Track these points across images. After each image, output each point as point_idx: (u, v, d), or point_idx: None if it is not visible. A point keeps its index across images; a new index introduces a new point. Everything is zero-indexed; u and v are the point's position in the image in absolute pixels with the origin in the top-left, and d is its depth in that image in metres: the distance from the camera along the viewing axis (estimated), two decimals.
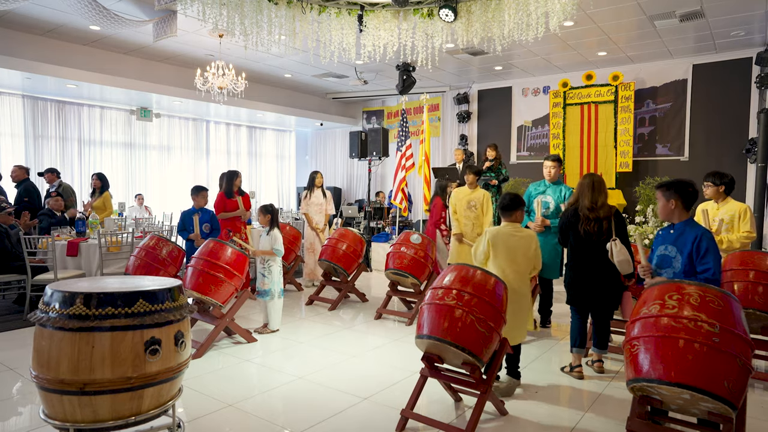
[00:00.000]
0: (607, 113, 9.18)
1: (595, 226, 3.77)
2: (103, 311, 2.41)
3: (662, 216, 3.06)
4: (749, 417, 2.77)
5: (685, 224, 2.96)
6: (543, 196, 5.08)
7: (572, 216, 3.92)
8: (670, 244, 2.97)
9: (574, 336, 4.02)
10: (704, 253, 2.80)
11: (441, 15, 5.30)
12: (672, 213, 2.99)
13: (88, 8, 5.90)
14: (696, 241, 2.84)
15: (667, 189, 2.99)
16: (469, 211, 5.65)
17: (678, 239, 2.95)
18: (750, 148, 8.33)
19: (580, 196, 3.90)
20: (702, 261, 2.80)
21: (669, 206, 2.99)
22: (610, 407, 3.42)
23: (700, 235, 2.84)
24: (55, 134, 9.86)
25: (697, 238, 2.84)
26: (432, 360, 3.08)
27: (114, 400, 2.41)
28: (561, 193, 5.03)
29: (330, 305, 6.13)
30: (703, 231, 2.88)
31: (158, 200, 11.25)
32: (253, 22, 5.27)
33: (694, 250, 2.84)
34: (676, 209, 2.97)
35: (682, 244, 2.91)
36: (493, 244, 3.57)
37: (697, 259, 2.82)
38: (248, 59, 9.09)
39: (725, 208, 4.39)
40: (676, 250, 2.93)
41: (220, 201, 6.27)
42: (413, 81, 8.96)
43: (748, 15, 6.91)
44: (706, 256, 2.79)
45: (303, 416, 3.25)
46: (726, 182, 4.38)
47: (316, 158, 14.76)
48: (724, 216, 4.35)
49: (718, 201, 4.45)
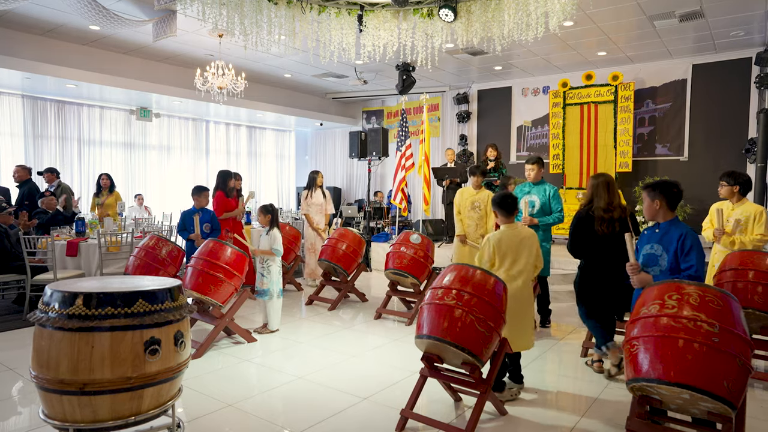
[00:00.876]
0: (606, 113, 9.18)
1: (609, 227, 3.72)
2: (102, 311, 2.41)
3: (648, 216, 3.11)
4: (749, 417, 2.77)
5: (670, 223, 3.02)
6: (529, 196, 5.21)
7: (585, 217, 3.83)
8: (656, 243, 3.03)
9: (600, 333, 3.91)
10: (688, 250, 2.87)
11: (441, 15, 5.30)
12: (657, 212, 3.05)
13: (87, 8, 5.89)
14: (681, 239, 2.91)
15: (652, 189, 3.05)
16: (473, 212, 5.72)
17: (663, 238, 3.00)
18: (749, 148, 8.33)
19: (594, 197, 3.83)
20: (685, 258, 2.88)
21: (654, 206, 3.05)
22: (610, 407, 3.43)
23: (684, 234, 2.92)
24: (55, 134, 9.85)
25: (681, 236, 2.92)
26: (432, 360, 3.08)
27: (114, 400, 2.41)
28: (545, 193, 5.17)
29: (330, 305, 6.13)
30: (687, 230, 2.94)
31: (158, 200, 11.25)
32: (253, 22, 5.27)
33: (679, 247, 2.91)
34: (660, 209, 3.03)
35: (667, 242, 2.97)
36: (499, 249, 3.49)
37: (681, 256, 2.90)
38: (248, 59, 9.09)
39: (741, 208, 4.36)
40: (662, 249, 2.99)
41: (221, 201, 6.27)
42: (413, 81, 8.96)
43: (748, 15, 6.92)
44: (690, 253, 2.87)
45: (303, 416, 3.25)
46: (741, 182, 4.34)
47: (315, 158, 14.76)
48: (740, 217, 4.32)
49: (733, 201, 4.42)
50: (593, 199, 3.84)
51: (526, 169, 5.29)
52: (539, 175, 5.22)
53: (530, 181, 5.27)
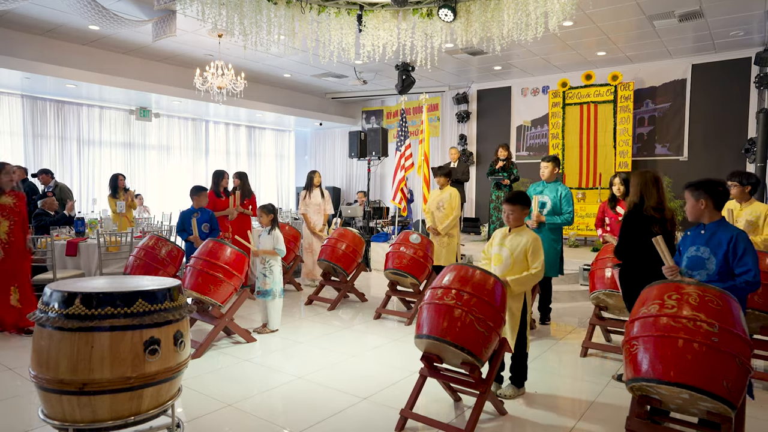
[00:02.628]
0: (606, 113, 9.18)
1: (659, 227, 3.49)
2: (102, 311, 2.41)
3: (692, 217, 2.98)
4: (749, 417, 2.77)
5: (718, 224, 2.88)
6: (541, 195, 5.17)
7: (637, 216, 3.60)
8: (702, 245, 2.89)
9: None
10: (742, 254, 2.73)
11: (440, 15, 5.30)
12: (702, 213, 2.91)
13: (87, 8, 5.89)
14: (732, 242, 2.77)
15: (695, 189, 2.91)
16: (438, 212, 6.00)
17: (711, 240, 2.87)
18: (749, 148, 8.34)
19: (644, 195, 3.59)
20: (740, 262, 2.74)
21: (699, 206, 2.90)
22: (610, 407, 3.42)
23: (735, 236, 2.78)
24: (54, 134, 9.85)
25: (732, 238, 2.77)
26: (431, 360, 3.08)
27: (113, 400, 2.41)
28: (558, 192, 5.11)
29: (329, 305, 6.13)
30: (738, 231, 2.81)
31: (157, 200, 11.24)
32: (253, 22, 5.27)
33: (731, 251, 2.76)
34: (706, 209, 2.89)
35: (715, 245, 2.83)
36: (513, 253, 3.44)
37: (734, 261, 2.76)
38: (247, 59, 9.09)
39: (750, 208, 4.36)
40: (710, 252, 2.85)
41: (211, 200, 6.31)
42: (412, 81, 8.96)
43: (747, 15, 6.92)
44: (744, 257, 2.73)
45: (302, 416, 3.25)
46: (752, 183, 4.33)
47: (315, 158, 14.76)
48: (749, 217, 4.31)
49: (742, 201, 4.40)
50: (643, 197, 3.60)
51: (540, 167, 5.25)
52: (553, 174, 5.18)
53: (544, 180, 5.23)
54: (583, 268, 6.73)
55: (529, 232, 3.51)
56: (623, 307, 4.28)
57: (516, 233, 3.51)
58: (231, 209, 6.51)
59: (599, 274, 4.40)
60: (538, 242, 3.48)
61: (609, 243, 4.74)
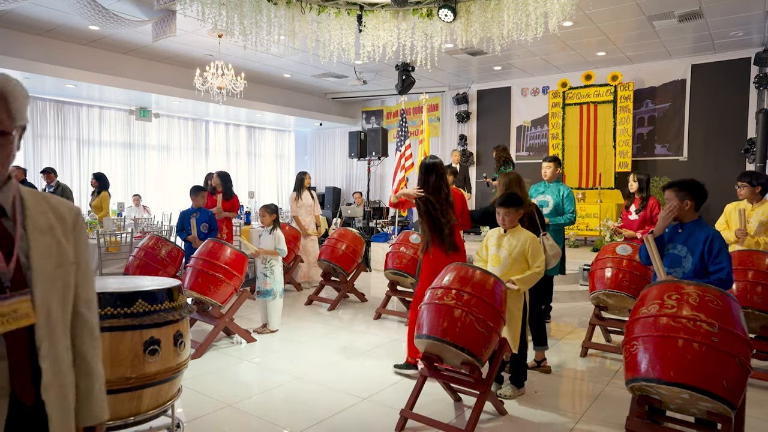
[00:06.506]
0: (606, 113, 9.19)
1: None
2: (102, 311, 2.40)
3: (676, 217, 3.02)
4: (749, 416, 2.77)
5: (695, 224, 2.94)
6: (543, 196, 5.17)
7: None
8: (680, 244, 2.95)
9: None
10: (717, 253, 2.79)
11: (440, 15, 5.30)
12: (685, 213, 2.96)
13: (87, 8, 5.89)
14: (708, 241, 2.82)
15: (680, 189, 2.95)
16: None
17: (688, 239, 2.92)
18: (749, 148, 8.34)
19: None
20: (714, 261, 2.79)
21: (684, 207, 2.95)
22: (610, 407, 3.42)
23: (711, 236, 2.83)
24: (54, 134, 9.84)
25: (708, 238, 2.83)
26: (431, 360, 3.08)
27: (113, 401, 2.40)
28: (559, 192, 5.10)
29: (329, 305, 6.13)
30: (714, 231, 2.86)
31: (157, 200, 11.24)
32: (253, 22, 5.27)
33: (706, 250, 2.82)
34: (689, 209, 2.94)
35: (692, 244, 2.89)
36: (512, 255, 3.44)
37: (709, 259, 2.81)
38: (247, 59, 9.09)
39: (762, 208, 4.33)
40: (687, 250, 2.91)
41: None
42: (412, 81, 8.96)
43: (747, 15, 6.92)
44: (719, 255, 2.79)
45: (302, 416, 3.24)
46: (762, 183, 4.31)
47: (315, 158, 14.75)
48: (762, 217, 4.29)
49: (753, 202, 4.38)
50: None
51: (542, 167, 5.25)
52: (555, 174, 5.17)
53: (545, 180, 5.23)
54: (583, 268, 6.73)
55: (525, 232, 3.51)
56: (623, 307, 4.29)
57: (512, 234, 3.51)
58: (219, 208, 6.44)
59: (599, 274, 4.39)
60: (536, 242, 3.49)
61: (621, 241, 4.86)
